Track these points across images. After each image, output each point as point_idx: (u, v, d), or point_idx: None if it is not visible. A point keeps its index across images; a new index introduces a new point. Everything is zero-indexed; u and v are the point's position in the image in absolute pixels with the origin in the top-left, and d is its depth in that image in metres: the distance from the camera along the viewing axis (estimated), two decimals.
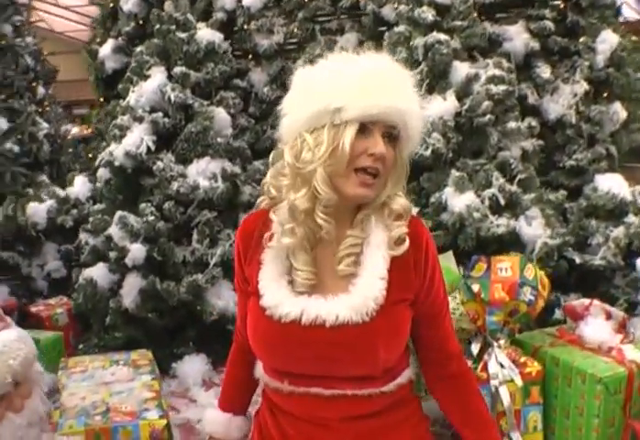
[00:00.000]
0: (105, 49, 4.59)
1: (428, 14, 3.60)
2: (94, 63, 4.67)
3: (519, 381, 2.75)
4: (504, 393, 2.76)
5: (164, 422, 2.88)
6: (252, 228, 1.61)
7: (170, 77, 4.09)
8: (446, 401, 1.67)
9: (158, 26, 4.11)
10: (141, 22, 4.48)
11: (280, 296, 1.53)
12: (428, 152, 3.64)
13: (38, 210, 4.39)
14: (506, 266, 2.84)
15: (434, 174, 3.73)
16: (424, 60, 3.69)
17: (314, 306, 1.50)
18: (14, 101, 7.49)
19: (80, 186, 4.45)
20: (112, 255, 3.88)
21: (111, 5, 4.71)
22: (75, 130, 9.34)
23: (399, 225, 1.55)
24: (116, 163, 3.97)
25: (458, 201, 3.58)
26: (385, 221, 1.55)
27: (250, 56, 4.53)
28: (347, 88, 1.45)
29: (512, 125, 3.67)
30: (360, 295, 1.50)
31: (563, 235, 3.60)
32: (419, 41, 3.68)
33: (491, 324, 2.82)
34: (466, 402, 1.65)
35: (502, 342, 2.85)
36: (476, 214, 3.50)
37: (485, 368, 2.80)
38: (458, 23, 3.68)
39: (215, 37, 4.19)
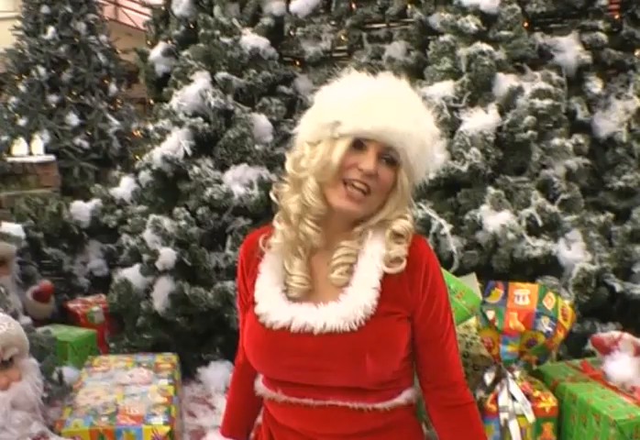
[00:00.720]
0: (156, 52, 4.61)
1: (472, 23, 3.44)
2: (145, 66, 4.71)
3: (531, 417, 2.58)
4: (514, 428, 2.58)
5: (167, 428, 2.87)
6: (255, 242, 1.62)
7: (213, 82, 4.07)
8: (442, 431, 1.61)
9: (203, 30, 4.10)
10: (192, 26, 4.48)
11: (272, 303, 1.55)
12: (465, 168, 3.48)
13: (81, 209, 4.46)
14: (524, 294, 2.66)
15: (471, 191, 3.57)
16: (467, 72, 3.53)
17: (304, 314, 1.51)
18: (85, 98, 7.71)
19: (125, 187, 4.48)
20: (145, 257, 3.89)
21: (163, 7, 4.74)
22: None
23: (398, 246, 1.53)
24: (154, 167, 3.98)
25: (494, 220, 3.41)
26: (384, 239, 1.54)
27: (298, 62, 4.46)
28: (347, 104, 1.49)
29: (556, 141, 3.47)
30: (349, 304, 1.50)
31: (605, 260, 3.38)
32: (462, 52, 3.53)
33: (505, 355, 2.65)
34: (463, 435, 1.59)
35: (517, 373, 2.68)
36: (510, 235, 3.32)
37: (495, 400, 2.64)
38: (505, 33, 3.49)
39: (260, 42, 4.14)
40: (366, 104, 1.49)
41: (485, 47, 3.44)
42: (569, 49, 3.73)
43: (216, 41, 4.05)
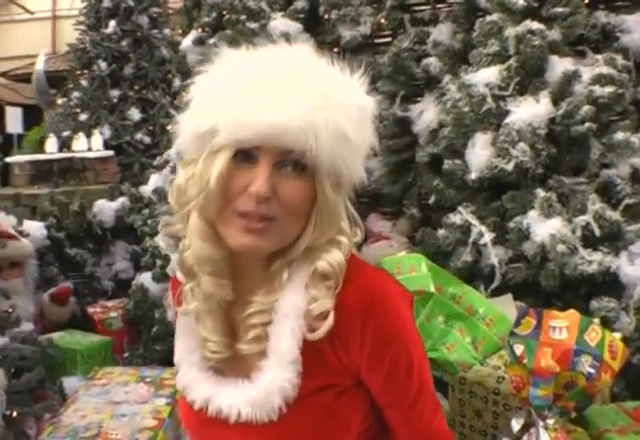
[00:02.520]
0: (187, 41, 4.25)
1: None
2: (176, 56, 4.36)
3: None
4: None
5: None
6: (177, 287, 1.26)
7: None
8: None
9: (228, 15, 3.70)
10: (224, 13, 4.09)
11: (189, 376, 1.23)
12: (511, 166, 2.93)
13: (104, 208, 4.16)
14: (561, 325, 2.10)
15: (518, 194, 3.01)
16: (516, 55, 2.97)
17: (221, 395, 1.18)
18: (147, 92, 7.49)
19: (152, 185, 4.15)
20: (157, 262, 3.53)
21: None
22: None
23: (323, 293, 1.12)
24: (171, 164, 3.62)
25: (543, 228, 2.84)
26: (305, 282, 1.13)
27: (336, 49, 3.98)
28: (220, 101, 1.09)
29: (619, 136, 2.86)
30: (264, 385, 1.14)
31: None
32: (510, 31, 2.97)
33: (535, 399, 2.10)
34: None
35: (550, 422, 2.13)
36: (561, 247, 2.75)
37: None
38: (559, 10, 2.91)
39: (291, 27, 3.71)
40: (242, 99, 1.06)
41: (535, 25, 2.87)
42: (638, 29, 3.10)
43: (241, 26, 3.65)
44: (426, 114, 3.66)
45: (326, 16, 3.82)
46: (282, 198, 1.06)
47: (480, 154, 3.09)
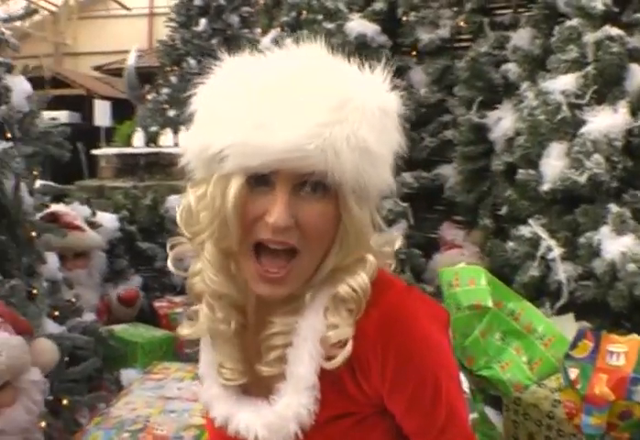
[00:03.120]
0: (266, 40, 4.24)
1: (599, 2, 2.72)
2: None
3: None
4: None
5: None
6: None
7: None
8: None
9: (306, 14, 3.68)
10: (303, 12, 4.06)
11: (211, 391, 1.17)
12: (584, 178, 2.78)
13: (175, 203, 4.20)
14: (619, 350, 1.97)
15: (591, 208, 2.85)
16: (595, 62, 2.82)
17: (240, 415, 1.12)
18: None
19: None
20: None
21: None
22: None
23: (342, 320, 1.03)
24: None
25: (614, 245, 2.68)
26: (327, 303, 1.05)
27: (414, 53, 3.90)
28: (228, 120, 0.97)
29: None
30: (280, 410, 1.07)
31: None
32: (589, 37, 2.82)
33: (587, 427, 1.97)
34: None
35: None
36: (631, 266, 2.58)
37: None
38: None
39: (368, 29, 3.64)
40: (248, 117, 0.95)
41: (615, 31, 2.71)
42: None
43: (318, 26, 3.61)
44: (504, 121, 3.53)
45: (405, 18, 3.74)
46: (304, 224, 0.98)
47: (554, 165, 2.95)
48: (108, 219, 4.03)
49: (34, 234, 2.78)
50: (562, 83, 2.91)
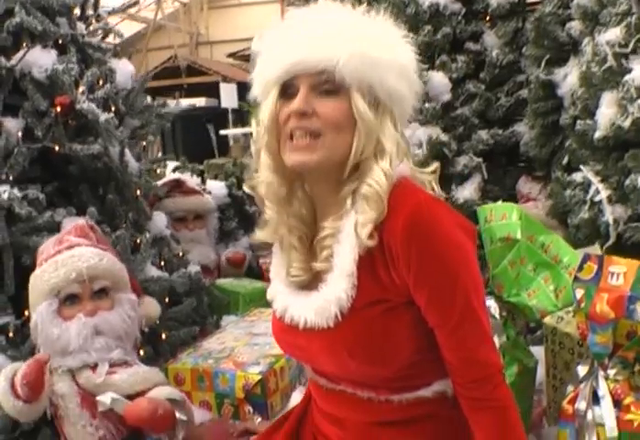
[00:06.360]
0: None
1: None
2: None
3: (611, 431, 1.94)
4: None
5: (258, 377, 2.72)
6: None
7: None
8: (475, 432, 1.28)
9: None
10: None
11: (277, 288, 1.43)
12: (627, 123, 2.77)
13: None
14: (619, 271, 2.02)
15: (639, 151, 2.83)
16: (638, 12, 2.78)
17: (295, 306, 1.36)
18: None
19: None
20: None
21: None
22: None
23: (367, 215, 1.23)
24: None
25: None
26: (357, 203, 1.27)
27: (488, 18, 3.94)
28: (273, 48, 1.30)
29: None
30: (326, 296, 1.28)
31: None
32: None
33: (594, 346, 2.02)
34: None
35: (611, 372, 2.05)
36: None
37: (573, 401, 2.06)
38: None
39: None
40: (289, 40, 1.26)
41: None
42: None
43: None
44: (569, 77, 3.53)
45: None
46: (322, 114, 1.21)
47: (605, 113, 2.95)
48: (217, 186, 4.39)
49: (139, 193, 3.08)
50: (609, 35, 2.90)
